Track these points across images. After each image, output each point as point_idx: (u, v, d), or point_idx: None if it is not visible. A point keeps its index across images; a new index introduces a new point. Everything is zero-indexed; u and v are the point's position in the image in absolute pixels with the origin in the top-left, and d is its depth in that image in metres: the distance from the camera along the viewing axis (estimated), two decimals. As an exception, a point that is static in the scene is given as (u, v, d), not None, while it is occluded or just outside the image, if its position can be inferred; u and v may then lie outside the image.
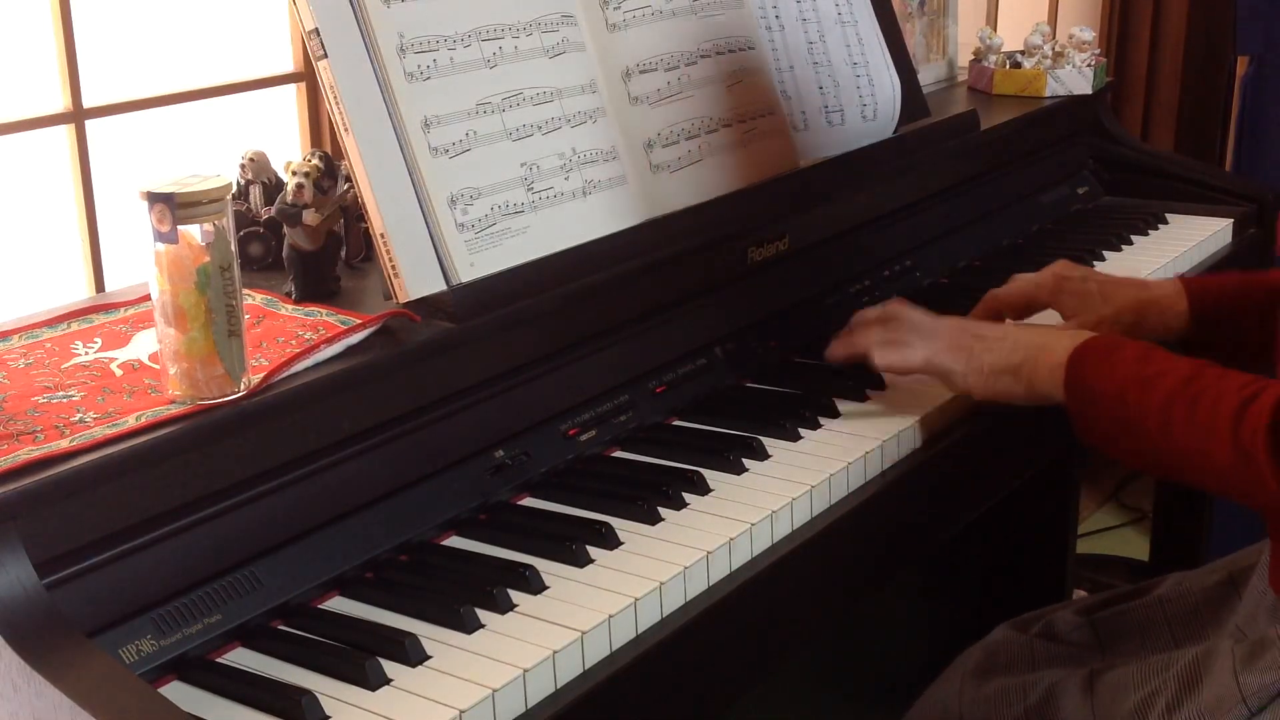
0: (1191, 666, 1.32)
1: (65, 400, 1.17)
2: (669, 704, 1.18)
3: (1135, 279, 1.65)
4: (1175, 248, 2.08)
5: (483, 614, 1.14)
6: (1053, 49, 2.38)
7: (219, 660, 1.10)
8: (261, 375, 1.18)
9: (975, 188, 2.09)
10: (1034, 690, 1.41)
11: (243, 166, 1.58)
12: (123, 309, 1.39)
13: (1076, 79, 2.34)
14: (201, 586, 1.11)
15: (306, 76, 2.09)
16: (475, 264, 1.36)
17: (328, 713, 1.02)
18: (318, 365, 1.23)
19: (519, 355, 1.37)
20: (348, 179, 1.42)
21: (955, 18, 2.55)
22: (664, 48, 1.60)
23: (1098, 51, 2.43)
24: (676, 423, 1.50)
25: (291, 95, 2.12)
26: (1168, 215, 2.22)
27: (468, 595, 1.15)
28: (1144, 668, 1.36)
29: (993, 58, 2.41)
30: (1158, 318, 1.56)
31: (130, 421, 1.12)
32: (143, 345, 1.30)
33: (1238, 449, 1.22)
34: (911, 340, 1.48)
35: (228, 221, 1.14)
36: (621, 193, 1.51)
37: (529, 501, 1.35)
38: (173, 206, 1.10)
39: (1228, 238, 2.18)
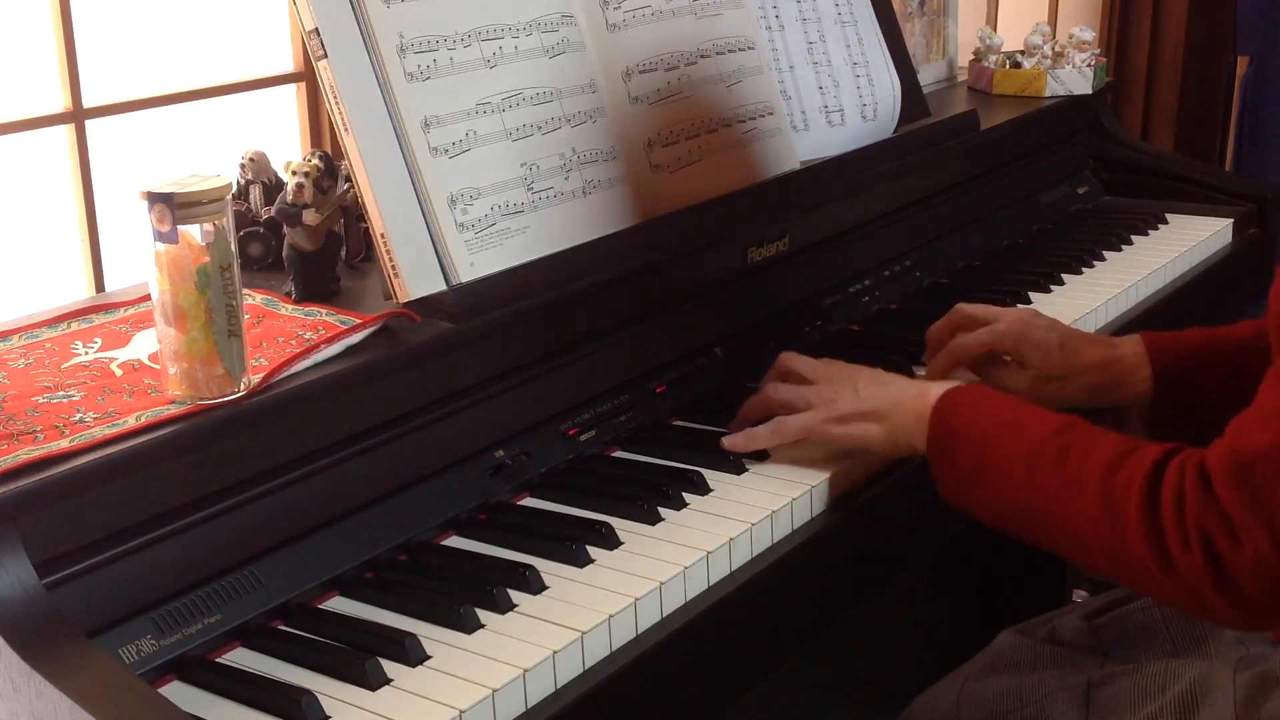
0: (1188, 693, 1.30)
1: (65, 400, 1.17)
2: (669, 704, 1.18)
3: (1100, 336, 1.60)
4: (1175, 248, 2.08)
5: (483, 614, 1.14)
6: (1053, 49, 2.38)
7: (219, 660, 1.10)
8: (261, 375, 1.18)
9: (975, 188, 2.08)
10: (1031, 701, 1.40)
11: (243, 166, 1.58)
12: (123, 309, 1.39)
13: (1076, 79, 2.34)
14: (201, 586, 1.11)
15: (306, 76, 2.09)
16: (475, 264, 1.36)
17: (328, 713, 1.02)
18: (318, 365, 1.23)
19: (519, 355, 1.37)
20: (348, 179, 1.41)
21: (955, 18, 2.55)
22: (664, 48, 1.60)
23: (1098, 51, 2.43)
24: (676, 423, 1.50)
25: (291, 95, 2.12)
26: (1168, 215, 2.22)
27: (468, 595, 1.15)
28: (1141, 680, 1.35)
29: (993, 58, 2.41)
30: (1121, 377, 1.51)
31: (130, 421, 1.12)
32: (143, 345, 1.30)
33: (1106, 503, 1.16)
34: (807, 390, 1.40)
35: (228, 221, 1.14)
36: (621, 193, 1.51)
37: (529, 501, 1.35)
38: (173, 206, 1.10)
39: (1228, 238, 2.18)
